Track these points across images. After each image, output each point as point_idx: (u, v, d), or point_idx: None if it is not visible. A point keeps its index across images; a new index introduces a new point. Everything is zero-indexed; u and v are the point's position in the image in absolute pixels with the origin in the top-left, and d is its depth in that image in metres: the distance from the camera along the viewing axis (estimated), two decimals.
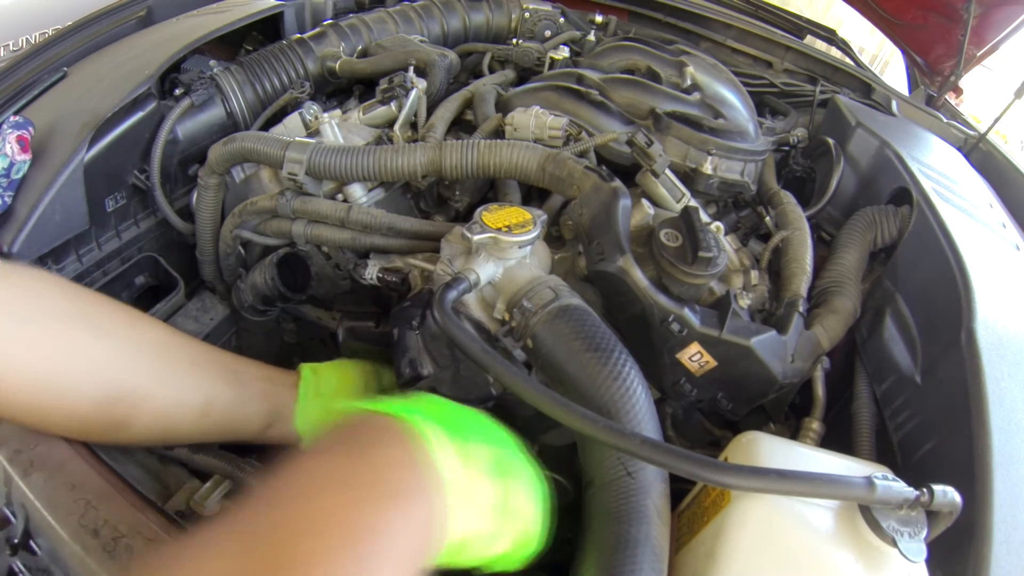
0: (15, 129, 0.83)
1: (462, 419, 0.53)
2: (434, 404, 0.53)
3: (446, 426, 0.49)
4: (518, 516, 0.52)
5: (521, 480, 0.53)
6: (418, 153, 0.82)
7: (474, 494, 0.47)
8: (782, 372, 0.74)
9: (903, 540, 0.49)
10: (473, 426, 0.53)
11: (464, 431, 0.50)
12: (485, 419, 0.56)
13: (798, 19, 1.91)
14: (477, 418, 0.55)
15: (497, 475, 0.50)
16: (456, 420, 0.52)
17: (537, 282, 0.68)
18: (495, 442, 0.54)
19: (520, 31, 1.53)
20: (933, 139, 1.24)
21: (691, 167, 0.97)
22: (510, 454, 0.54)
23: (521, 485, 0.53)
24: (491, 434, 0.54)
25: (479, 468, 0.49)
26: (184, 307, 1.02)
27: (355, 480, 0.40)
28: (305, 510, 0.37)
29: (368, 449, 0.43)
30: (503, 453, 0.53)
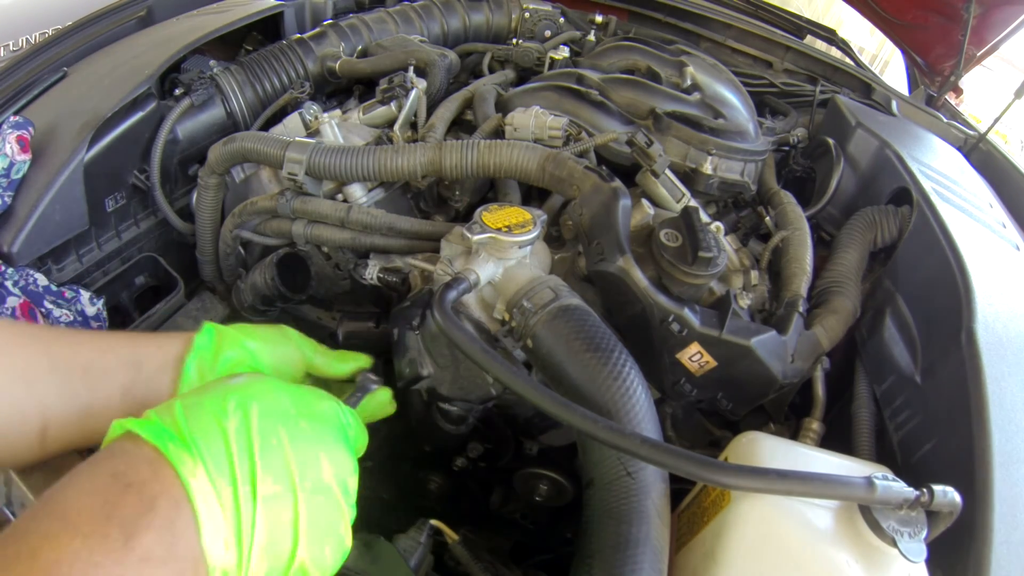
0: (15, 129, 0.83)
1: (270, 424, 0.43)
2: (188, 398, 0.43)
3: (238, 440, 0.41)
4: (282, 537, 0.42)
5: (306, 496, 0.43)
6: (418, 153, 0.82)
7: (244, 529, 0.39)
8: (782, 372, 0.74)
9: (903, 540, 0.49)
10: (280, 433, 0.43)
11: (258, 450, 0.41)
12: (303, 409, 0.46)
13: (798, 19, 1.91)
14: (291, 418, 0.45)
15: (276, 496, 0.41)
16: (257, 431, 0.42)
17: (537, 282, 0.68)
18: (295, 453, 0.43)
19: (520, 31, 1.54)
20: (933, 139, 1.24)
21: (691, 167, 0.97)
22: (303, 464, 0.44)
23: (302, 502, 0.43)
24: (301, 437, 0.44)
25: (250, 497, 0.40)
26: (184, 307, 1.02)
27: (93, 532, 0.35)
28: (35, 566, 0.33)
29: (119, 504, 0.36)
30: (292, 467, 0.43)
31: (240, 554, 0.39)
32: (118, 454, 0.40)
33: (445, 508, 1.00)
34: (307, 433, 0.45)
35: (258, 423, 0.42)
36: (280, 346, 0.64)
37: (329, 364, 0.67)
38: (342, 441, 0.49)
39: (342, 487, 0.46)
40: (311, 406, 0.48)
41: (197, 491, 0.38)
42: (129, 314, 0.99)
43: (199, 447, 0.39)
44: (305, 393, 0.49)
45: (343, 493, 0.46)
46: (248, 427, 0.42)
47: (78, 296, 0.86)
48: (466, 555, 0.66)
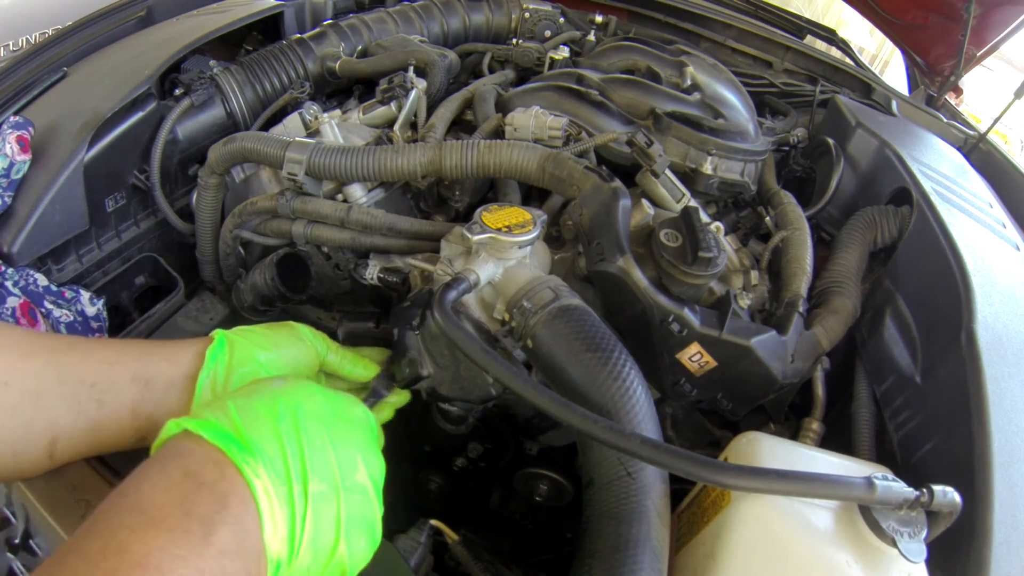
0: (15, 129, 0.83)
1: (306, 429, 0.46)
2: (239, 400, 0.46)
3: (280, 444, 0.43)
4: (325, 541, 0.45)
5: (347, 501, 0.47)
6: (418, 153, 0.82)
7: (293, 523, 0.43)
8: (782, 372, 0.74)
9: (903, 540, 0.49)
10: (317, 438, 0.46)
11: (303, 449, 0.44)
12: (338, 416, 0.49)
13: (798, 19, 1.91)
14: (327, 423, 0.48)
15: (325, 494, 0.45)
16: (297, 434, 0.45)
17: (537, 282, 0.68)
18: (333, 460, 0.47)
19: (520, 31, 1.54)
20: (933, 139, 1.24)
21: (691, 167, 0.97)
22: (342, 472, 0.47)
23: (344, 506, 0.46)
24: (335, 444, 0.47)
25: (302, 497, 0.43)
26: (184, 307, 1.02)
27: (165, 525, 0.37)
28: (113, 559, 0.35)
29: (187, 496, 0.39)
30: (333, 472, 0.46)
31: (291, 547, 0.42)
32: (185, 453, 0.42)
33: (445, 508, 1.00)
34: (346, 436, 0.48)
35: (305, 426, 0.46)
36: (293, 348, 0.66)
37: (342, 365, 0.70)
38: (373, 443, 0.52)
39: (375, 486, 0.49)
40: (347, 411, 0.51)
41: (260, 490, 0.41)
42: (129, 314, 0.99)
43: (259, 449, 0.42)
44: (341, 399, 0.52)
45: (375, 491, 0.49)
46: (298, 430, 0.45)
47: (78, 296, 0.86)
48: (466, 555, 0.66)
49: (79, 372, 0.54)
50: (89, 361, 0.55)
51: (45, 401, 0.52)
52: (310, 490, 0.43)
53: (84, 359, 0.55)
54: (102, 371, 0.55)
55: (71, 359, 0.54)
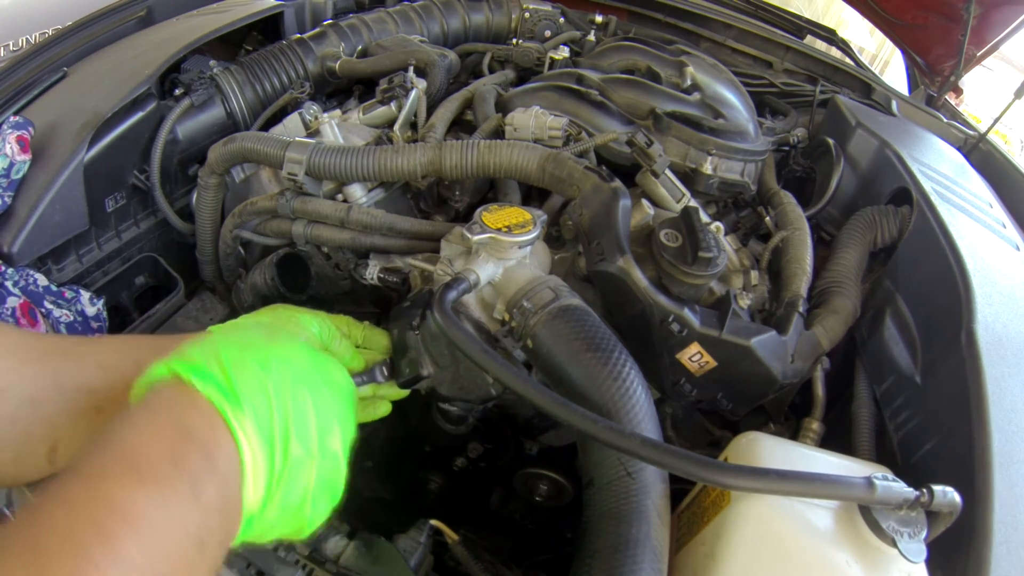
0: (15, 129, 0.83)
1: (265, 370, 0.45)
2: (231, 350, 0.45)
3: (246, 383, 0.43)
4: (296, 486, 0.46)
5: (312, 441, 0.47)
6: (418, 153, 0.82)
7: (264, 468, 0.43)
8: (782, 372, 0.74)
9: (903, 540, 0.49)
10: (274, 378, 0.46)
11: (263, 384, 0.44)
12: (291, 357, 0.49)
13: (798, 19, 1.91)
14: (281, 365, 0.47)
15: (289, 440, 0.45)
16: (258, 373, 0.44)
17: (537, 282, 0.68)
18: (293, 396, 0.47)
19: (520, 31, 1.53)
20: (933, 139, 1.24)
21: (691, 167, 0.97)
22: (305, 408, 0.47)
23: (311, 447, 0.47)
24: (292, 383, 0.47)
25: (269, 438, 0.44)
26: (184, 307, 1.02)
27: (141, 463, 0.37)
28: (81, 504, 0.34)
29: (163, 428, 0.39)
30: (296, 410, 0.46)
31: (264, 504, 0.43)
32: (175, 404, 0.41)
33: (445, 508, 1.00)
34: (328, 402, 0.49)
35: (292, 388, 0.45)
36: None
37: (341, 353, 0.68)
38: (351, 409, 0.53)
39: (344, 452, 0.50)
40: (331, 375, 0.51)
41: (246, 448, 0.41)
42: (129, 314, 0.99)
43: (249, 406, 0.42)
44: (326, 362, 0.52)
45: (344, 457, 0.50)
46: (285, 391, 0.45)
47: (78, 296, 0.86)
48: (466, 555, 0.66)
49: (76, 378, 0.53)
50: (85, 366, 0.54)
51: (44, 408, 0.51)
52: (290, 453, 0.44)
53: (81, 364, 0.54)
54: (99, 377, 0.54)
55: (68, 364, 0.54)
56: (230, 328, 0.60)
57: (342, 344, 0.69)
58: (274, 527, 0.45)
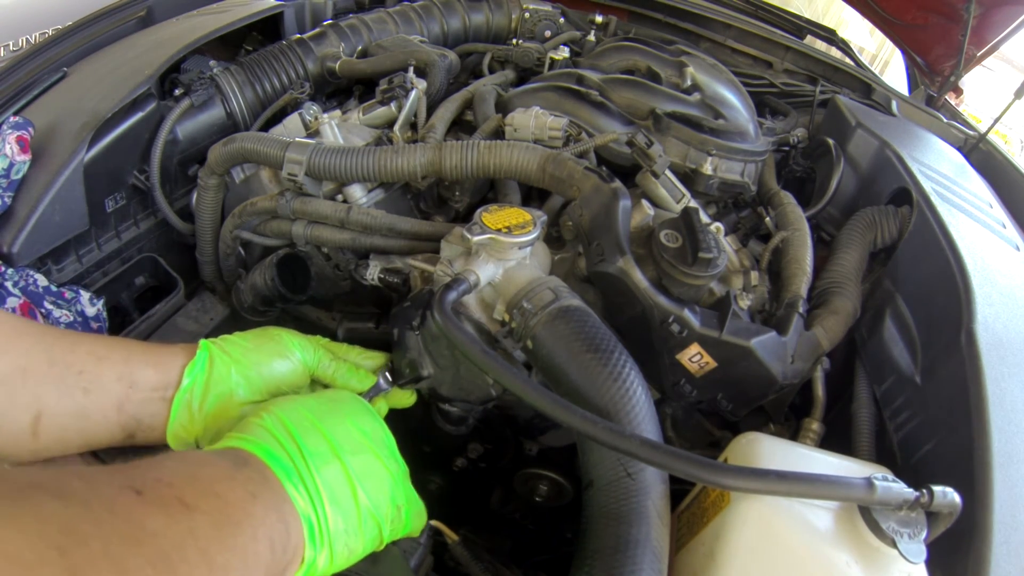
0: (15, 129, 0.83)
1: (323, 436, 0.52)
2: (298, 425, 0.52)
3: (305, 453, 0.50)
4: (371, 521, 0.53)
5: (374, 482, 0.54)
6: (418, 154, 0.82)
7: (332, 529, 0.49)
8: (782, 373, 0.74)
9: (903, 541, 0.49)
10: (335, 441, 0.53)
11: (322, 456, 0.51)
12: (352, 419, 0.56)
13: (798, 19, 1.91)
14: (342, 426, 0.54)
15: (352, 491, 0.52)
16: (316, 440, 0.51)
17: (537, 283, 0.68)
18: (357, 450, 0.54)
19: (520, 31, 1.53)
20: (933, 139, 1.24)
21: (691, 167, 0.97)
22: (369, 457, 0.55)
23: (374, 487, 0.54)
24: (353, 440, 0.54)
25: (338, 500, 0.50)
26: (184, 307, 1.02)
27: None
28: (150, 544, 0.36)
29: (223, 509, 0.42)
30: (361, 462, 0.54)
31: (316, 532, 0.48)
32: (247, 465, 0.46)
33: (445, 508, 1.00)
34: (378, 473, 0.55)
35: (345, 472, 0.51)
36: (277, 366, 0.66)
37: (336, 377, 0.71)
38: (392, 458, 0.59)
39: (400, 501, 0.57)
40: (376, 429, 0.58)
41: (304, 522, 0.47)
42: (129, 314, 0.99)
43: (308, 482, 0.48)
44: (375, 417, 0.59)
45: (405, 510, 0.58)
46: (343, 475, 0.51)
47: (78, 296, 0.86)
48: (466, 555, 0.66)
49: (68, 358, 0.56)
50: (78, 351, 0.56)
51: (32, 377, 0.53)
52: (335, 529, 0.49)
53: (73, 348, 0.56)
54: (90, 363, 0.56)
55: (60, 346, 0.56)
56: (250, 349, 0.65)
57: (336, 367, 0.71)
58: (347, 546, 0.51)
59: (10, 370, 0.52)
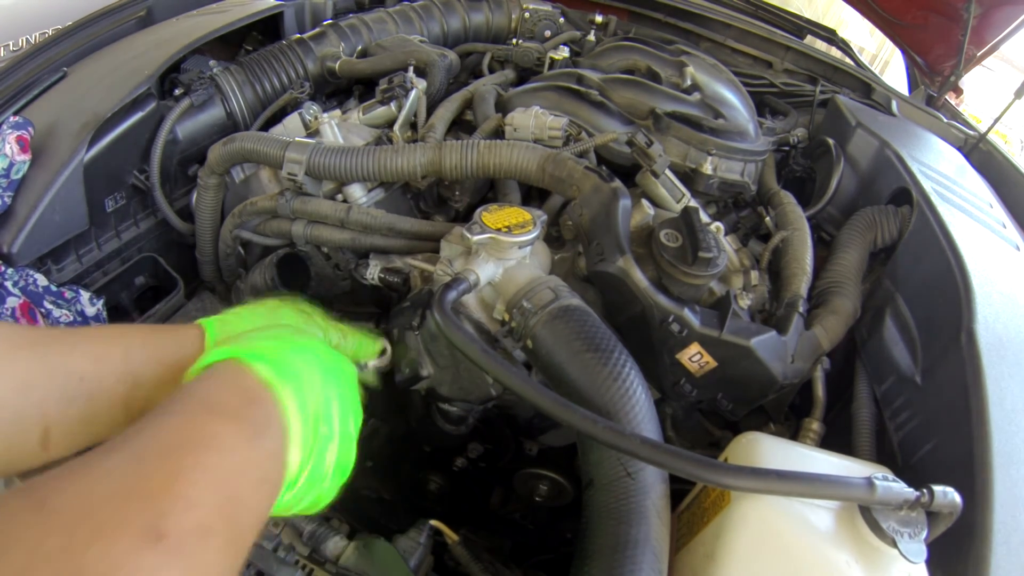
0: (15, 129, 0.83)
1: (297, 355, 0.53)
2: (274, 343, 0.53)
3: (283, 367, 0.50)
4: (329, 454, 0.54)
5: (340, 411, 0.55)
6: (418, 153, 0.82)
7: (305, 435, 0.50)
8: (782, 372, 0.74)
9: (903, 541, 0.49)
10: (305, 360, 0.54)
11: (297, 368, 0.52)
12: (315, 350, 0.57)
13: (798, 19, 1.91)
14: (308, 351, 0.56)
15: (321, 417, 0.53)
16: (292, 358, 0.52)
17: (537, 283, 0.68)
18: (322, 376, 0.55)
19: (520, 31, 1.53)
20: (933, 139, 1.24)
21: (691, 167, 0.97)
22: (332, 388, 0.55)
23: (339, 416, 0.55)
24: (320, 366, 0.55)
25: (310, 409, 0.51)
26: (184, 307, 1.02)
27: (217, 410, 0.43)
28: (170, 433, 0.40)
29: (225, 392, 0.46)
30: (326, 390, 0.54)
31: (298, 472, 0.49)
32: (238, 375, 0.48)
33: (445, 508, 1.00)
34: (346, 391, 0.56)
35: (321, 377, 0.53)
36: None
37: (344, 349, 0.72)
38: (358, 399, 0.59)
39: (356, 437, 0.57)
40: (345, 367, 0.58)
41: (292, 420, 0.47)
42: (129, 314, 0.99)
43: (294, 387, 0.49)
44: (339, 356, 0.58)
45: (355, 442, 0.57)
46: (316, 379, 0.52)
47: (78, 296, 0.86)
48: (466, 555, 0.66)
49: (67, 364, 0.55)
50: (75, 353, 0.56)
51: (35, 393, 0.52)
52: (319, 431, 0.50)
53: (71, 351, 0.56)
54: (89, 366, 0.56)
55: (57, 350, 0.55)
56: (253, 324, 0.66)
57: (340, 336, 0.71)
58: (300, 498, 0.51)
59: (10, 389, 0.51)
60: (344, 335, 0.72)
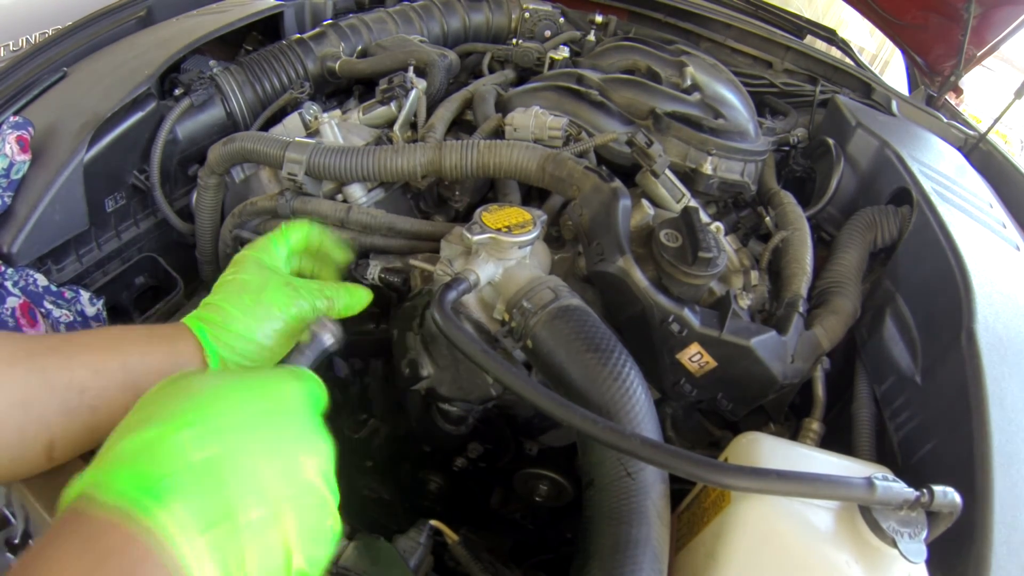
0: (15, 129, 0.83)
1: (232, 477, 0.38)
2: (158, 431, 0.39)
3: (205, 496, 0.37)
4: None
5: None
6: (418, 153, 0.82)
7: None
8: (782, 372, 0.74)
9: (903, 541, 0.49)
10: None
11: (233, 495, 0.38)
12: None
13: (798, 19, 1.91)
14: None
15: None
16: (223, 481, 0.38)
17: (537, 282, 0.68)
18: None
19: (520, 31, 1.53)
20: (933, 139, 1.24)
21: (691, 167, 0.97)
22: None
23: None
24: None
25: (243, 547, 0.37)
26: (184, 307, 1.01)
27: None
28: None
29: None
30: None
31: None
32: (84, 519, 0.35)
33: (445, 508, 1.00)
34: (281, 437, 0.42)
35: (225, 447, 0.38)
36: (266, 326, 0.62)
37: (336, 308, 0.68)
38: (315, 427, 0.45)
39: (325, 479, 0.43)
40: (280, 395, 0.44)
41: (180, 544, 0.35)
42: (129, 314, 0.99)
43: (171, 496, 0.36)
44: (269, 381, 0.45)
45: (327, 484, 0.43)
46: (217, 456, 0.38)
47: (78, 296, 0.86)
48: (466, 555, 0.66)
49: (66, 376, 0.52)
50: (74, 365, 0.53)
51: (35, 409, 0.50)
52: (244, 522, 0.37)
53: (69, 362, 0.53)
54: (89, 378, 0.53)
55: (55, 362, 0.52)
56: (237, 318, 0.60)
57: (324, 304, 0.67)
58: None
59: (11, 405, 0.49)
60: (332, 299, 0.67)
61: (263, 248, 0.68)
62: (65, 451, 0.53)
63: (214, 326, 0.62)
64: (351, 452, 0.98)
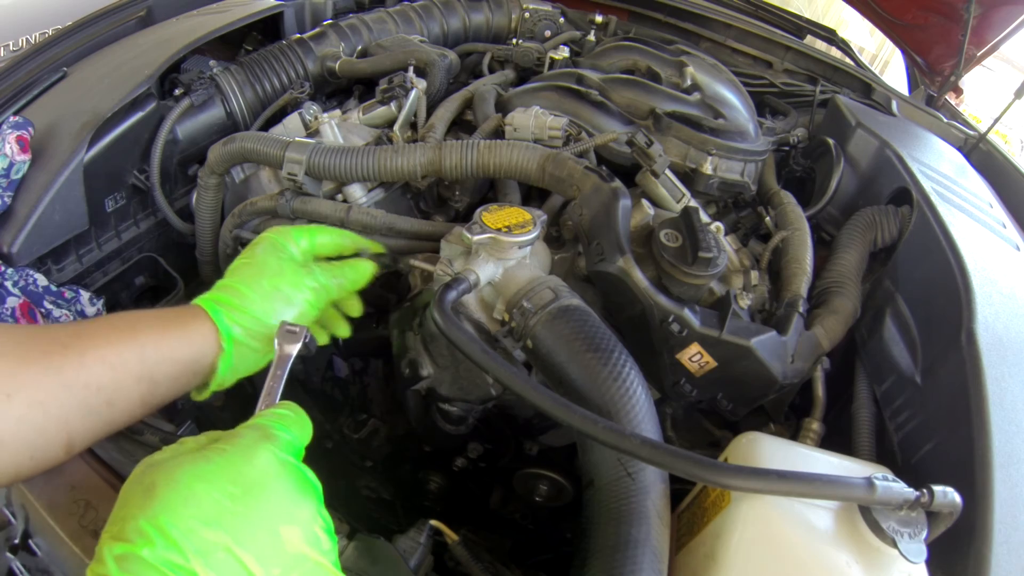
0: (15, 129, 0.83)
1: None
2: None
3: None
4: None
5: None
6: (418, 153, 0.82)
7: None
8: (782, 372, 0.74)
9: (903, 541, 0.49)
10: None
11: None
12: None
13: (798, 19, 1.91)
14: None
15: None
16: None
17: (537, 282, 0.68)
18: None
19: (520, 31, 1.53)
20: (933, 139, 1.24)
21: (691, 167, 0.97)
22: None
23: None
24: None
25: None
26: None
27: None
28: None
29: None
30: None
31: None
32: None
33: (445, 508, 1.00)
34: (254, 519, 0.40)
35: (192, 544, 0.37)
36: (282, 312, 0.65)
37: (340, 289, 0.70)
38: (293, 488, 0.43)
39: (314, 544, 0.41)
40: (245, 478, 0.42)
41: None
42: None
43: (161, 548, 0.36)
44: (236, 457, 0.43)
45: (317, 549, 0.42)
46: (185, 554, 0.37)
47: (78, 296, 0.86)
48: (466, 555, 0.66)
49: (83, 377, 0.52)
50: (89, 362, 0.53)
51: (53, 408, 0.51)
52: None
53: (83, 359, 0.53)
54: (106, 375, 0.54)
55: (70, 361, 0.52)
56: (254, 302, 0.62)
57: (337, 290, 0.70)
58: None
59: (27, 408, 0.49)
60: (342, 281, 0.71)
61: (285, 233, 0.70)
62: (84, 444, 0.54)
63: (230, 308, 0.62)
64: (351, 452, 0.98)
